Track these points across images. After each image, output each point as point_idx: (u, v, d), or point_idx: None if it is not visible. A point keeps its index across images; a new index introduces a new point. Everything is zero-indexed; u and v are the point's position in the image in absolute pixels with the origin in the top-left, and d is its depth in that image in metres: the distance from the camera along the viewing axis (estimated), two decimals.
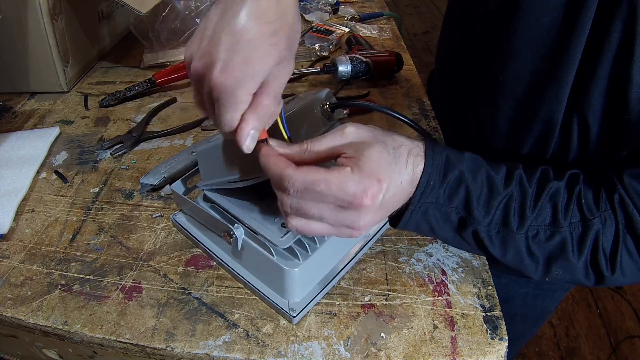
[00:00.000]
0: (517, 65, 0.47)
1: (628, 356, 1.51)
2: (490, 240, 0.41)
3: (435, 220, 0.41)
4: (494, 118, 0.52)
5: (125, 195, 0.64)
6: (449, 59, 0.65)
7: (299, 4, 0.40)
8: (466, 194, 0.40)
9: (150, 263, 0.55)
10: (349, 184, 0.35)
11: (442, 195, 0.39)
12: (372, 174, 0.35)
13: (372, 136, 0.38)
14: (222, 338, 0.47)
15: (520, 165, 0.42)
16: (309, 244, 0.49)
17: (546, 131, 0.48)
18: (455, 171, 0.40)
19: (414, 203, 0.39)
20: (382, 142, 0.38)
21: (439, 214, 0.40)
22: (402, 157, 0.38)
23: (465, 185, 0.39)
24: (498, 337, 0.48)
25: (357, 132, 0.38)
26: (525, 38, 0.46)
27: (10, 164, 0.68)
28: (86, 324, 0.48)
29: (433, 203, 0.40)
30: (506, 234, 0.40)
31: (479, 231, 0.41)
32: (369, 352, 0.46)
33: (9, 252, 0.56)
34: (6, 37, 0.78)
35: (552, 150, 0.49)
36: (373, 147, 0.37)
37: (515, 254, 0.41)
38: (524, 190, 0.40)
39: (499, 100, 0.51)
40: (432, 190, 0.39)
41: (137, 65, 0.97)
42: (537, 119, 0.47)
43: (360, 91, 0.89)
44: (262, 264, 0.49)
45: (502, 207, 0.40)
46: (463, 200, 0.40)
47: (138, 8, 0.84)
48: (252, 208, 0.51)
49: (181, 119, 0.81)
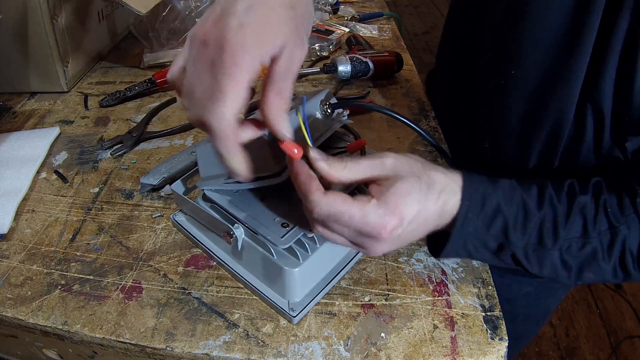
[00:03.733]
0: (528, 60, 0.48)
1: (628, 356, 1.51)
2: (527, 260, 0.43)
3: (473, 248, 0.43)
4: (504, 114, 0.53)
5: (125, 195, 0.64)
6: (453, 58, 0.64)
7: None
8: (503, 222, 0.41)
9: (150, 263, 0.55)
10: (371, 217, 0.36)
11: (480, 225, 0.41)
12: (395, 210, 0.37)
13: (408, 170, 0.39)
14: (222, 338, 0.47)
15: (549, 183, 0.44)
16: (309, 244, 0.49)
17: (558, 124, 0.48)
18: (492, 201, 0.41)
19: (454, 235, 0.41)
20: (417, 178, 0.39)
21: (478, 242, 0.42)
22: (432, 194, 0.39)
23: (503, 214, 0.41)
24: (498, 337, 0.48)
25: (395, 164, 0.39)
26: (536, 32, 0.46)
27: (10, 164, 0.68)
28: (86, 324, 0.48)
29: (472, 234, 0.41)
30: (542, 252, 0.42)
31: (517, 253, 0.42)
32: (369, 352, 0.46)
33: (9, 252, 0.56)
34: (6, 37, 0.78)
35: (565, 143, 0.49)
36: (405, 181, 0.38)
37: (551, 268, 0.43)
38: (555, 209, 0.42)
39: (510, 96, 0.51)
40: (470, 222, 0.41)
41: (137, 65, 0.97)
42: (549, 112, 0.48)
43: (360, 91, 0.89)
44: (262, 264, 0.49)
45: (536, 228, 0.42)
46: (501, 228, 0.41)
47: (138, 8, 0.84)
48: (252, 208, 0.51)
49: (181, 119, 0.81)
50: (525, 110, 0.50)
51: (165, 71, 0.87)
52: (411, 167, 0.40)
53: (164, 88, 0.89)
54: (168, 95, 0.87)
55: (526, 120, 0.51)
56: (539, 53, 0.47)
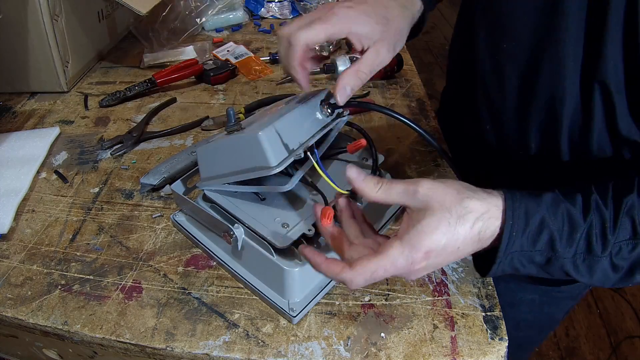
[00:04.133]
0: (516, 32, 0.48)
1: (628, 356, 1.51)
2: (576, 270, 0.42)
3: (520, 264, 0.42)
4: (501, 91, 0.53)
5: (125, 195, 0.64)
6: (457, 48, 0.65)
7: None
8: (550, 236, 0.41)
9: (150, 263, 0.55)
10: (398, 261, 0.38)
11: (525, 242, 0.41)
12: (420, 247, 0.38)
13: (440, 202, 0.39)
14: (222, 338, 0.47)
15: (593, 189, 0.42)
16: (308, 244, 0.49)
17: (553, 97, 0.47)
18: (536, 217, 0.40)
19: (500, 256, 0.41)
20: (447, 211, 0.39)
21: (525, 259, 0.42)
22: (466, 223, 0.39)
23: (548, 228, 0.40)
24: (498, 337, 0.48)
25: (427, 195, 0.40)
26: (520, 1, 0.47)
27: (10, 164, 0.68)
28: (86, 324, 0.48)
29: (518, 252, 0.41)
30: (591, 260, 0.41)
31: (565, 264, 0.42)
32: (369, 352, 0.46)
33: (9, 252, 0.56)
34: (6, 37, 0.78)
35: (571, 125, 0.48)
36: (433, 216, 0.39)
37: (602, 274, 0.42)
38: (602, 215, 0.41)
39: (505, 71, 0.51)
40: (516, 240, 0.40)
41: (137, 65, 0.97)
42: (542, 84, 0.47)
43: (360, 91, 0.89)
44: (262, 264, 0.49)
45: (584, 237, 0.41)
46: (547, 242, 0.41)
47: (138, 8, 0.84)
48: (252, 208, 0.51)
49: (181, 119, 0.81)
50: (520, 84, 0.50)
51: (165, 71, 0.87)
52: (443, 198, 0.39)
53: (164, 88, 0.89)
54: (168, 95, 0.87)
55: (521, 94, 0.51)
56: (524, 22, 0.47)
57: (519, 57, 0.49)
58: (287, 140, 0.47)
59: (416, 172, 0.69)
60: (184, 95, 0.88)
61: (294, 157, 0.46)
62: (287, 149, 0.46)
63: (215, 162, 0.51)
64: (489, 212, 0.40)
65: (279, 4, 1.24)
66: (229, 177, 0.50)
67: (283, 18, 1.23)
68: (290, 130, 0.47)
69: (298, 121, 0.49)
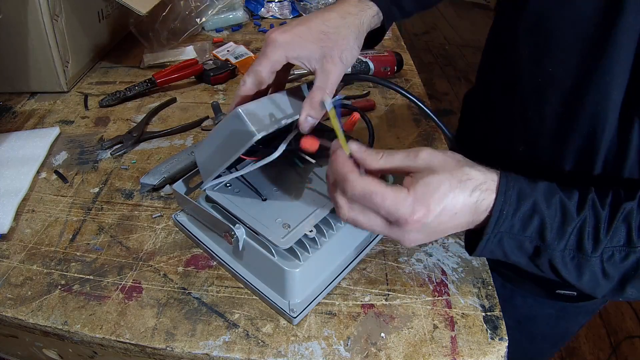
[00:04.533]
0: (563, 55, 0.47)
1: (628, 356, 1.51)
2: (564, 266, 0.41)
3: (509, 248, 0.42)
4: (541, 113, 0.51)
5: (125, 195, 0.64)
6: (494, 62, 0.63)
7: None
8: (540, 223, 0.40)
9: (150, 263, 0.55)
10: (400, 203, 0.38)
11: (515, 224, 0.41)
12: (423, 201, 0.39)
13: (442, 165, 0.40)
14: (222, 338, 0.47)
15: (592, 189, 0.42)
16: (309, 245, 0.49)
17: (594, 126, 0.46)
18: (528, 201, 0.40)
19: (488, 232, 0.41)
20: (449, 173, 0.40)
21: (513, 242, 0.42)
22: (465, 190, 0.40)
23: (539, 214, 0.40)
24: (498, 337, 0.48)
25: (429, 158, 0.41)
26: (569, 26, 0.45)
27: (10, 164, 0.68)
28: (86, 324, 0.48)
29: (507, 232, 0.41)
30: (581, 259, 0.41)
31: (553, 257, 0.41)
32: (369, 352, 0.46)
33: (9, 252, 0.56)
34: (6, 37, 0.78)
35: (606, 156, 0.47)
36: (435, 175, 0.39)
37: (591, 278, 0.41)
38: (597, 214, 0.40)
39: (547, 94, 0.50)
40: (505, 219, 0.40)
41: (137, 65, 0.97)
42: (584, 112, 0.46)
43: (360, 91, 0.89)
44: (263, 265, 0.49)
45: (576, 232, 0.40)
46: (537, 229, 0.41)
47: (138, 8, 0.84)
48: (253, 208, 0.51)
49: (181, 119, 0.81)
50: (561, 109, 0.49)
51: (165, 71, 0.88)
52: (445, 163, 0.41)
53: (164, 88, 0.89)
54: (168, 95, 0.87)
55: (562, 120, 0.49)
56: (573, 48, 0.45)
57: (564, 82, 0.47)
58: (271, 113, 0.47)
59: None
60: (184, 95, 0.88)
61: (276, 126, 0.46)
62: (270, 119, 0.47)
63: (210, 155, 0.52)
64: (487, 183, 0.41)
65: (279, 4, 1.24)
66: (224, 164, 0.50)
67: (283, 18, 1.23)
68: (275, 107, 0.48)
69: (284, 100, 0.50)
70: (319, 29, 0.48)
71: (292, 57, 0.48)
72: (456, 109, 2.89)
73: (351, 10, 0.52)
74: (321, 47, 0.48)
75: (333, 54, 0.48)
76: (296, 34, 0.48)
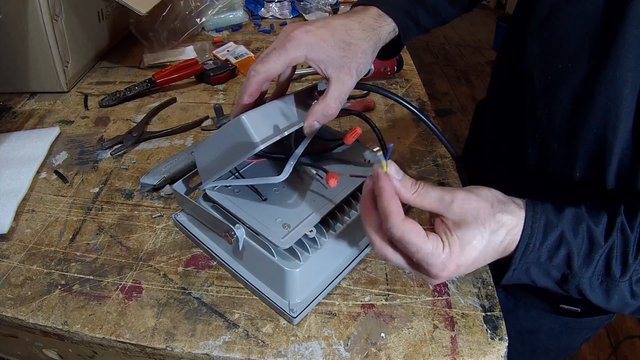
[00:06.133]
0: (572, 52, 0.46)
1: (628, 356, 1.51)
2: (592, 291, 0.41)
3: (537, 276, 0.42)
4: (551, 111, 0.50)
5: (125, 195, 0.64)
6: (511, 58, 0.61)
7: None
8: (567, 253, 0.40)
9: (150, 263, 0.55)
10: (434, 259, 0.38)
11: (542, 255, 0.41)
12: (456, 259, 0.39)
13: (476, 215, 0.39)
14: (222, 338, 0.47)
15: (621, 211, 0.41)
16: (309, 245, 0.49)
17: (605, 126, 0.45)
18: (555, 232, 0.40)
19: (515, 263, 0.41)
20: (482, 224, 0.39)
21: (540, 271, 0.42)
22: (496, 239, 0.40)
23: (567, 244, 0.40)
24: (498, 337, 0.48)
25: (462, 207, 0.40)
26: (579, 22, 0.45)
27: (10, 164, 0.68)
28: (86, 324, 0.48)
29: (534, 262, 0.41)
30: (609, 283, 0.41)
31: (581, 284, 0.41)
32: (369, 352, 0.46)
33: (9, 252, 0.56)
34: (6, 37, 0.78)
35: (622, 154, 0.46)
36: (470, 229, 0.39)
37: (619, 300, 0.41)
38: (626, 238, 0.40)
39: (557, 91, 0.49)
40: (532, 251, 0.40)
41: (137, 65, 0.97)
42: (594, 110, 0.45)
43: (360, 92, 0.89)
44: (263, 265, 0.49)
45: (603, 258, 0.40)
46: (564, 258, 0.41)
47: (138, 8, 0.84)
48: (253, 208, 0.51)
49: (181, 119, 0.81)
50: (572, 108, 0.48)
51: (165, 71, 0.87)
52: (478, 212, 0.40)
53: (164, 88, 0.89)
54: (168, 95, 0.87)
55: (573, 119, 0.48)
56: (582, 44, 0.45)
57: (574, 79, 0.46)
58: (275, 122, 0.47)
59: (416, 172, 0.69)
60: (184, 95, 0.88)
61: (279, 136, 0.46)
62: (274, 129, 0.47)
63: (210, 158, 0.52)
64: (518, 225, 0.40)
65: (279, 4, 1.24)
66: (224, 169, 0.50)
67: (283, 18, 1.23)
68: (278, 115, 0.48)
69: (288, 108, 0.50)
70: (343, 38, 0.48)
71: (312, 58, 0.48)
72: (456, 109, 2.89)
73: (372, 25, 0.52)
74: (341, 57, 0.48)
75: (351, 66, 0.48)
76: (320, 38, 0.47)
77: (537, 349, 0.73)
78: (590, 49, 0.44)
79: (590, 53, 0.44)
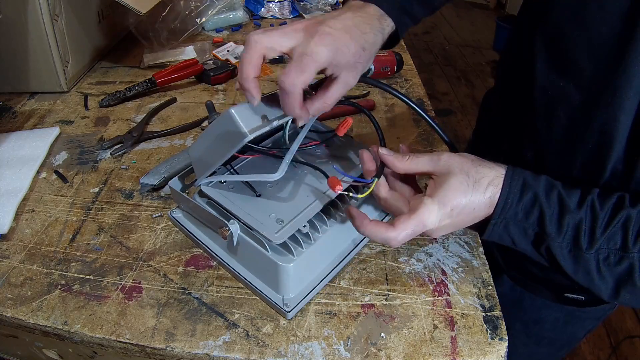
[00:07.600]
0: (576, 73, 0.48)
1: (628, 356, 1.51)
2: (562, 256, 0.44)
3: (515, 234, 0.46)
4: (549, 125, 0.53)
5: (125, 195, 0.64)
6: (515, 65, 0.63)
7: None
8: (540, 213, 0.44)
9: (150, 263, 0.55)
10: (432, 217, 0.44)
11: (519, 212, 0.44)
12: (447, 203, 0.44)
13: (460, 166, 0.45)
14: (222, 338, 0.47)
15: (596, 190, 0.44)
16: (303, 240, 0.49)
17: (600, 144, 0.48)
18: (530, 192, 0.44)
19: (495, 217, 0.45)
20: (465, 174, 0.45)
21: (518, 229, 0.45)
22: (480, 187, 0.44)
23: (539, 204, 0.44)
24: (498, 337, 0.48)
25: (448, 161, 0.46)
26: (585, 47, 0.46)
27: (10, 164, 0.68)
28: (86, 324, 0.48)
29: (512, 219, 0.45)
30: (577, 253, 0.43)
31: (553, 247, 0.44)
32: (369, 352, 0.46)
33: (9, 252, 0.56)
34: (6, 37, 0.78)
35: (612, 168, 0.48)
36: (455, 177, 0.45)
37: (586, 274, 0.44)
38: (595, 215, 0.43)
39: (557, 107, 0.51)
40: (510, 207, 0.44)
41: (137, 65, 0.97)
42: (591, 130, 0.48)
43: (360, 91, 0.89)
44: (257, 260, 0.50)
45: (572, 226, 0.43)
46: (538, 218, 0.44)
47: (138, 8, 0.84)
48: (247, 204, 0.52)
49: (181, 119, 0.81)
50: (568, 124, 0.50)
51: (165, 71, 0.87)
52: (462, 165, 0.45)
53: (164, 88, 0.89)
54: (168, 95, 0.87)
55: (569, 134, 0.51)
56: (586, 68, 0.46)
57: (573, 99, 0.49)
58: (264, 113, 0.47)
59: None
60: (184, 95, 0.88)
61: (268, 127, 0.47)
62: (263, 120, 0.47)
63: (203, 152, 0.52)
64: (498, 178, 0.45)
65: (279, 4, 1.24)
66: (217, 162, 0.50)
67: (283, 18, 1.23)
68: (269, 107, 0.48)
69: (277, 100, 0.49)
70: (360, 44, 0.48)
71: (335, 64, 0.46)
72: (456, 108, 2.89)
73: (379, 27, 0.51)
74: (356, 62, 0.48)
75: (359, 69, 0.49)
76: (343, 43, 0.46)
77: (541, 339, 0.74)
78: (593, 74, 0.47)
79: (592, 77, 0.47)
